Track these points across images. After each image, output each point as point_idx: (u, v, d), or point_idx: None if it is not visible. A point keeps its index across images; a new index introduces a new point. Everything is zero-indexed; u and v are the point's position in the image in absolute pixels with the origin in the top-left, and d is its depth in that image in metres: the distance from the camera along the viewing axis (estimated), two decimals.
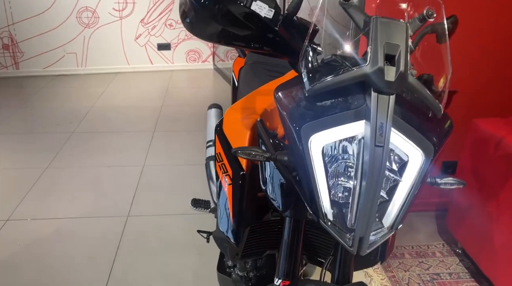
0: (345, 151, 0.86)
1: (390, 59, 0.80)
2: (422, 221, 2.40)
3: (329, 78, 0.82)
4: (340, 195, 0.85)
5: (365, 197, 0.79)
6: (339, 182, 0.85)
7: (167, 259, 2.06)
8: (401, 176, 0.85)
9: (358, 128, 0.81)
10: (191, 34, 1.03)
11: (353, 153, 0.84)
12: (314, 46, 0.94)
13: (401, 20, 0.84)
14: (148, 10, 4.90)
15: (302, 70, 0.87)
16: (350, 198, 0.83)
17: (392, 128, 0.81)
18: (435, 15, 0.88)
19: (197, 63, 5.26)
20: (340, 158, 0.85)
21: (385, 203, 0.85)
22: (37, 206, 2.46)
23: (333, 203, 0.85)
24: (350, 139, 0.84)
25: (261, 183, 1.02)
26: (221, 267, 1.44)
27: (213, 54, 5.22)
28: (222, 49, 5.13)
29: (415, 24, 0.89)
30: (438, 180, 0.92)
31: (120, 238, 2.20)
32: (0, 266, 1.99)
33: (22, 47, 4.79)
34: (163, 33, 5.02)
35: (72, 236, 2.22)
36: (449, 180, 0.93)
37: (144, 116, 3.77)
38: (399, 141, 0.83)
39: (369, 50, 0.80)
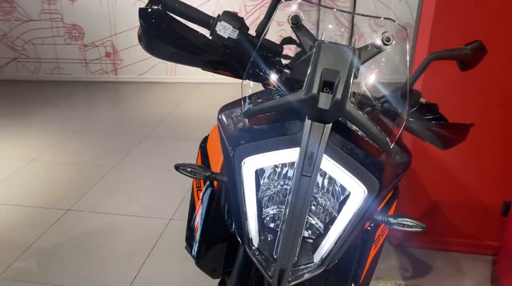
0: (285, 176, 0.84)
1: (330, 86, 0.76)
2: (474, 264, 2.16)
3: (265, 102, 0.81)
4: (271, 223, 0.83)
5: (287, 227, 0.77)
6: (272, 209, 0.83)
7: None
8: (340, 210, 0.80)
9: (293, 155, 0.78)
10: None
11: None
12: (279, 67, 0.93)
13: (350, 45, 0.80)
14: None
15: (246, 93, 0.87)
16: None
17: (331, 160, 0.78)
18: (393, 41, 0.82)
19: None
20: (276, 184, 0.83)
21: (320, 237, 0.81)
22: (96, 200, 2.70)
23: (266, 230, 0.83)
24: (291, 165, 0.82)
25: (221, 202, 1.03)
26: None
27: None
28: None
29: (371, 51, 0.84)
30: (391, 220, 0.85)
31: (158, 239, 2.32)
32: (50, 251, 2.22)
33: (122, 55, 5.30)
34: None
35: (118, 231, 2.40)
36: (405, 220, 0.85)
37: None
38: (338, 174, 0.78)
39: (307, 76, 0.77)
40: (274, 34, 1.06)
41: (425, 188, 2.18)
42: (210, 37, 1.00)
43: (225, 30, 0.97)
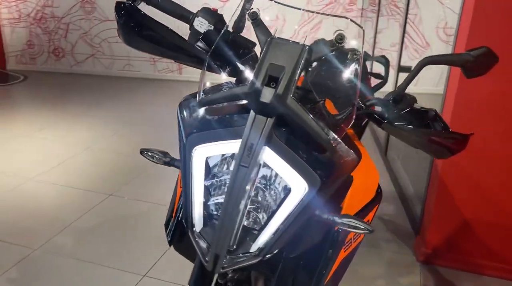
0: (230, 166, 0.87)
1: (276, 80, 0.78)
2: None
3: (216, 93, 0.84)
4: (214, 210, 0.86)
5: (222, 215, 0.79)
6: (217, 198, 0.86)
7: None
8: (282, 203, 0.81)
9: (237, 146, 0.81)
10: None
11: None
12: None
13: (301, 43, 0.81)
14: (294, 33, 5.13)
15: (200, 84, 0.90)
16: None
17: (274, 154, 0.79)
18: (345, 40, 0.82)
19: None
20: (223, 173, 0.86)
21: (261, 229, 0.83)
22: (138, 188, 2.87)
23: (215, 217, 0.86)
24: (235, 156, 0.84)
25: None
26: None
27: None
28: None
29: (322, 50, 0.84)
30: (337, 219, 0.84)
31: None
32: (86, 230, 2.41)
33: None
34: None
35: (150, 218, 2.53)
36: (352, 221, 0.84)
37: None
38: (280, 168, 0.80)
39: (255, 70, 0.80)
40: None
41: (457, 205, 2.06)
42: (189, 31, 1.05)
43: (202, 25, 1.02)
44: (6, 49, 6.11)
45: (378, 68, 2.08)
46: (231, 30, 1.05)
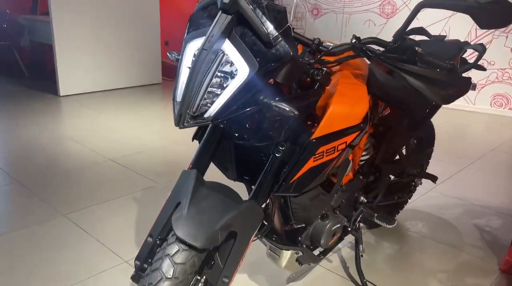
0: None
1: None
2: None
3: None
4: None
5: (186, 83, 1.09)
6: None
7: None
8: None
9: None
10: (502, 77, 1.43)
11: None
12: None
13: None
14: None
15: None
16: None
17: (230, 44, 1.07)
18: None
19: (503, 109, 4.80)
20: None
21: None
22: None
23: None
24: None
25: None
26: None
27: None
28: None
29: None
30: (272, 102, 1.05)
31: None
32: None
33: None
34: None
35: None
36: (281, 104, 1.04)
37: None
38: (232, 55, 1.06)
39: None
40: None
41: None
42: None
43: None
44: None
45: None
46: None
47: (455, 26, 4.87)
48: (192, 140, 1.42)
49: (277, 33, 1.03)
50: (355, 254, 1.85)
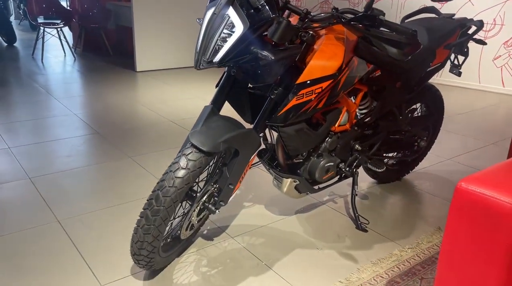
0: None
1: None
2: None
3: None
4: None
5: (201, 36, 1.57)
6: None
7: None
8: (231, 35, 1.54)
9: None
10: None
11: None
12: None
13: None
14: None
15: None
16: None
17: (233, 10, 1.53)
18: None
19: None
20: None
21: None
22: None
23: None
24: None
25: None
26: None
27: None
28: None
29: None
30: (258, 51, 1.50)
31: None
32: None
33: None
34: None
35: None
36: (264, 52, 1.48)
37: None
38: (234, 18, 1.53)
39: None
40: None
41: None
42: None
43: None
44: None
45: None
46: None
47: (510, 11, 4.89)
48: (216, 87, 1.91)
49: (262, 2, 1.48)
50: (351, 193, 2.24)
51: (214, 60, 1.56)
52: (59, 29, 6.51)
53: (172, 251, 1.80)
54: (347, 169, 2.13)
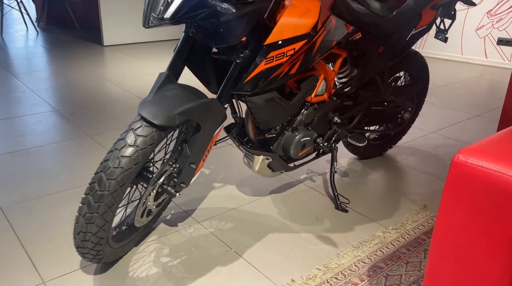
0: None
1: None
2: None
3: None
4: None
5: None
6: None
7: None
8: None
9: None
10: None
11: None
12: None
13: None
14: (498, 2, 4.73)
15: None
16: None
17: None
18: None
19: None
20: None
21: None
22: None
23: None
24: None
25: None
26: None
27: None
28: None
29: None
30: (217, 3, 1.26)
31: None
32: None
33: None
34: (508, 28, 4.72)
35: None
36: (223, 4, 1.24)
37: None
38: None
39: None
40: None
41: None
42: None
43: None
44: None
45: None
46: None
47: None
48: (173, 52, 1.66)
49: None
50: (330, 171, 2.04)
51: (165, 16, 1.31)
52: (19, 0, 6.06)
53: (128, 240, 1.58)
54: (325, 144, 1.93)
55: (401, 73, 2.31)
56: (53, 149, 2.51)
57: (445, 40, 2.23)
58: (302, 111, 1.78)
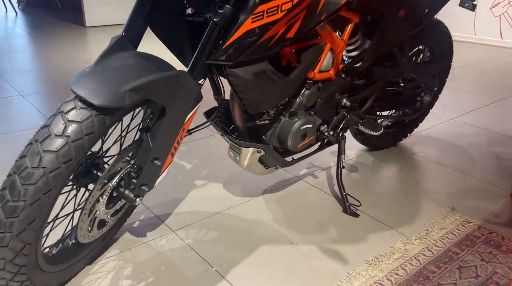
0: None
1: None
2: None
3: None
4: None
5: None
6: None
7: None
8: None
9: None
10: None
11: None
12: None
13: None
14: None
15: None
16: None
17: None
18: None
19: None
20: None
21: None
22: None
23: None
24: None
25: None
26: None
27: None
28: None
29: None
30: None
31: None
32: None
33: None
34: None
35: None
36: None
37: None
38: None
39: None
40: None
41: None
42: None
43: None
44: None
45: None
46: None
47: None
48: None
49: None
50: (336, 165, 1.66)
51: None
52: None
53: (76, 258, 1.21)
54: (331, 132, 1.55)
55: (421, 47, 1.92)
56: (11, 138, 2.12)
57: (472, 8, 1.85)
58: (303, 91, 1.40)
